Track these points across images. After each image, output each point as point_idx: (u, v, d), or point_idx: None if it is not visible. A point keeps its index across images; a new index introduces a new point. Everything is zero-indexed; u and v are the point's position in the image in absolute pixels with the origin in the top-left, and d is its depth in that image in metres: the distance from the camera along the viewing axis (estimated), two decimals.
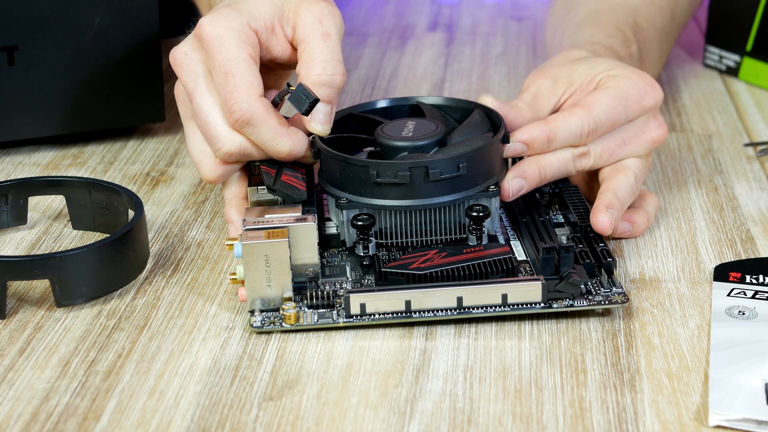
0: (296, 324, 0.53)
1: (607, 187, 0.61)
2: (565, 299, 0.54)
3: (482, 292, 0.53)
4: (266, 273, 0.53)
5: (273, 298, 0.53)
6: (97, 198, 0.61)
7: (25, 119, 0.71)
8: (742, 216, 0.65)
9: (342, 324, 0.53)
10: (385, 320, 0.53)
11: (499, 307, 0.54)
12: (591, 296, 0.55)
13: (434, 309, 0.53)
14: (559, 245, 0.55)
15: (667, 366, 0.51)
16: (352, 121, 0.64)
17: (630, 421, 0.47)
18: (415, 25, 1.03)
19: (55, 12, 0.69)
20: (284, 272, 0.53)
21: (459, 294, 0.53)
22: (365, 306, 0.53)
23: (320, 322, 0.53)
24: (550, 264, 0.55)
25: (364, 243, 0.57)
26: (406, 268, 0.55)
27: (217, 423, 0.47)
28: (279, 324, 0.53)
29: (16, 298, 0.56)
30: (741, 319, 0.54)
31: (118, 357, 0.51)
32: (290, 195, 0.57)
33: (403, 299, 0.53)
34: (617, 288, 0.55)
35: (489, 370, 0.51)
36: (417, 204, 0.57)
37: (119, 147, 0.74)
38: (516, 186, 0.60)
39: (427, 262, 0.55)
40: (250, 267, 0.53)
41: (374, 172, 0.56)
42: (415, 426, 0.47)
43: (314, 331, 0.53)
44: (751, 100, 0.84)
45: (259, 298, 0.53)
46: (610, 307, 0.54)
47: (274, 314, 0.54)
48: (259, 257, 0.52)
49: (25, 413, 0.48)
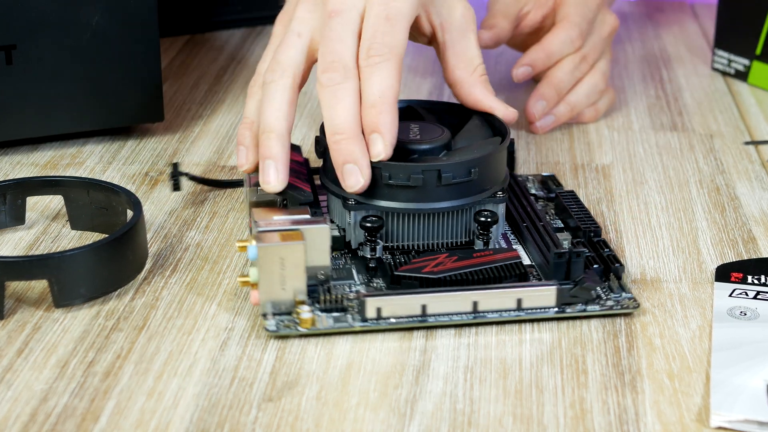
0: (312, 328, 0.52)
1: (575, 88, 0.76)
2: (578, 304, 0.54)
3: (497, 297, 0.53)
4: (281, 276, 0.52)
5: (285, 302, 0.53)
6: (95, 198, 0.61)
7: (23, 119, 0.71)
8: (744, 216, 0.65)
9: (358, 328, 0.53)
10: (400, 324, 0.53)
11: (513, 311, 0.53)
12: (602, 301, 0.55)
13: (449, 313, 0.53)
14: (570, 250, 0.55)
15: (668, 367, 0.51)
16: None
17: (631, 422, 0.47)
18: None
19: (54, 11, 0.69)
20: (299, 275, 0.52)
21: (474, 298, 0.53)
22: (381, 310, 0.53)
23: (336, 325, 0.53)
24: (561, 269, 0.55)
25: (371, 245, 0.57)
26: (419, 271, 0.54)
27: (216, 424, 0.47)
28: (294, 328, 0.52)
29: (14, 299, 0.56)
30: (743, 319, 0.54)
31: (117, 358, 0.51)
32: (297, 196, 0.57)
33: (419, 303, 0.53)
34: (627, 293, 0.55)
35: (489, 370, 0.51)
36: (428, 207, 0.57)
37: (118, 147, 0.74)
38: (539, 108, 0.73)
39: (439, 266, 0.55)
40: (265, 270, 0.52)
41: (386, 174, 0.56)
42: (415, 427, 0.47)
43: (330, 335, 0.53)
44: (753, 100, 0.84)
45: (270, 302, 0.53)
46: (621, 313, 0.54)
47: (288, 318, 0.53)
48: (275, 260, 0.52)
49: (24, 414, 0.47)
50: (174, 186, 0.63)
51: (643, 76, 0.89)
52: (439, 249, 0.58)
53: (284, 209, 0.56)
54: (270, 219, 0.54)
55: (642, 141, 0.76)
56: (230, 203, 0.66)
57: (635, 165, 0.72)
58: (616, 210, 0.66)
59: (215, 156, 0.73)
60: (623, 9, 1.08)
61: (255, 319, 0.54)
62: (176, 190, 0.63)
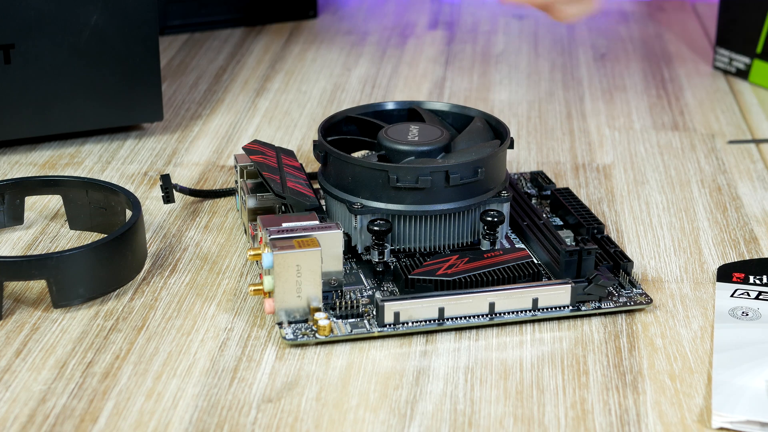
0: (331, 335, 0.52)
1: None
2: (592, 302, 0.54)
3: (514, 297, 0.53)
4: (297, 283, 0.52)
5: (299, 309, 0.52)
6: (94, 198, 0.61)
7: (21, 118, 0.71)
8: (746, 216, 0.65)
9: (377, 333, 0.52)
10: (418, 328, 0.52)
11: (529, 311, 0.53)
12: (615, 298, 0.55)
13: (466, 315, 0.53)
14: (582, 248, 0.55)
15: (669, 367, 0.51)
16: (345, 124, 0.63)
17: (632, 423, 0.47)
18: (415, 23, 1.03)
19: (52, 10, 0.69)
20: (315, 282, 0.52)
21: (491, 299, 0.53)
22: (399, 314, 0.52)
23: (354, 332, 0.52)
24: (572, 267, 0.55)
25: (379, 249, 0.57)
26: (433, 274, 0.54)
27: (216, 425, 0.47)
28: (312, 336, 0.52)
29: (12, 299, 0.56)
30: (744, 320, 0.54)
31: (116, 358, 0.51)
32: (301, 202, 0.57)
33: (436, 306, 0.52)
34: (638, 289, 0.55)
35: (490, 371, 0.50)
36: (436, 209, 0.56)
37: (117, 146, 0.74)
38: None
39: (452, 268, 0.54)
40: (281, 278, 0.51)
41: (394, 176, 0.56)
42: (415, 428, 0.46)
43: (347, 341, 0.52)
44: (754, 99, 0.84)
45: (285, 310, 0.52)
46: (634, 309, 0.54)
47: (305, 326, 0.52)
48: (291, 267, 0.51)
49: (22, 415, 0.47)
50: (165, 198, 0.63)
51: (645, 75, 0.89)
52: (444, 251, 0.58)
53: (290, 216, 0.55)
54: (279, 226, 0.53)
55: (643, 140, 0.76)
56: (229, 203, 0.66)
57: (636, 165, 0.72)
58: (617, 210, 0.66)
59: (214, 156, 0.73)
60: (624, 8, 1.08)
61: (254, 320, 0.54)
62: (168, 202, 0.63)
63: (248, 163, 0.61)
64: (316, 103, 0.82)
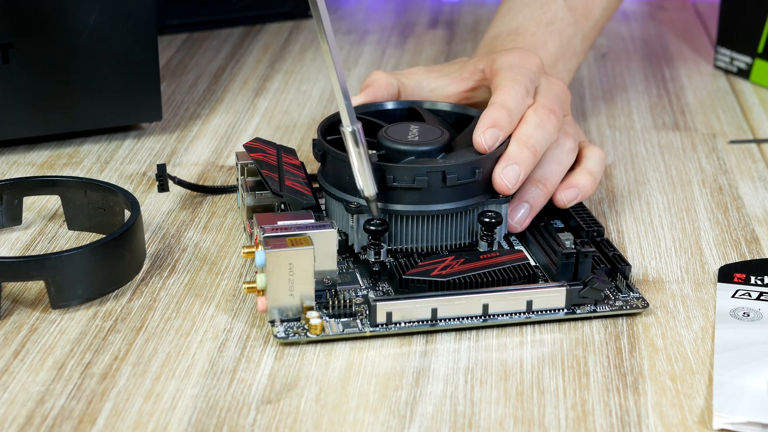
0: (322, 334, 0.52)
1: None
2: (587, 305, 0.54)
3: (507, 299, 0.53)
4: (289, 282, 0.52)
5: (292, 308, 0.52)
6: (92, 198, 0.61)
7: (19, 118, 0.71)
8: (747, 216, 0.65)
9: (369, 333, 0.52)
10: (410, 329, 0.52)
11: (523, 313, 0.53)
12: (611, 302, 0.54)
13: (460, 317, 0.53)
14: (578, 251, 0.54)
15: (670, 368, 0.50)
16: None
17: (633, 424, 0.47)
18: (415, 22, 1.02)
19: (51, 10, 0.69)
20: (307, 281, 0.52)
21: (485, 301, 0.53)
22: (392, 314, 0.52)
23: (346, 331, 0.52)
24: (569, 270, 0.55)
25: (375, 249, 0.57)
26: (427, 275, 0.54)
27: (215, 426, 0.46)
28: (304, 335, 0.52)
29: (10, 300, 0.56)
30: (746, 320, 0.54)
31: (114, 359, 0.51)
32: (299, 201, 0.57)
33: (429, 307, 0.52)
34: (635, 292, 0.55)
35: (490, 372, 0.50)
36: (433, 209, 0.56)
37: (115, 146, 0.74)
38: (510, 174, 0.57)
39: (447, 269, 0.54)
40: (274, 276, 0.51)
41: (390, 176, 0.56)
42: (415, 429, 0.46)
43: (340, 341, 0.52)
44: (756, 99, 0.83)
45: (277, 308, 0.52)
46: (630, 313, 0.54)
47: (297, 324, 0.52)
48: (283, 266, 0.51)
49: (20, 416, 0.47)
50: (160, 187, 0.63)
51: (645, 75, 0.89)
52: (441, 251, 0.58)
53: (286, 214, 0.55)
54: (274, 224, 0.53)
55: (644, 140, 0.76)
56: (229, 203, 0.66)
57: (637, 165, 0.72)
58: (618, 210, 0.66)
59: (214, 156, 0.73)
60: (625, 8, 1.07)
61: (254, 320, 0.54)
62: (162, 191, 0.63)
63: (249, 161, 0.61)
64: (316, 102, 0.82)
